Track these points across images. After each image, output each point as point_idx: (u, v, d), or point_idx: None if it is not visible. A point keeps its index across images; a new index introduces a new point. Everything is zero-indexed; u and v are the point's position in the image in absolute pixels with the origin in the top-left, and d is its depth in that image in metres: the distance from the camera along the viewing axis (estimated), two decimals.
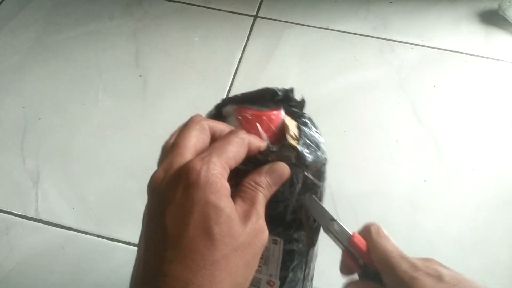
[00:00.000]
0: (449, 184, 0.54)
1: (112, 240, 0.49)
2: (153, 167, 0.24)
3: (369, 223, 0.28)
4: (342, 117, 0.60)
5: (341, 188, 0.53)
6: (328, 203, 0.52)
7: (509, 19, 0.71)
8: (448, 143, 0.58)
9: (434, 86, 0.64)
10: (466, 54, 0.68)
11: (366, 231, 0.28)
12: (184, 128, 0.25)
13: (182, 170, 0.22)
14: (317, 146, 0.29)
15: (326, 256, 0.49)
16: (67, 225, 0.50)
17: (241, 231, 0.22)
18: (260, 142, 0.26)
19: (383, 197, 0.53)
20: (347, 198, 0.53)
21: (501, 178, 0.55)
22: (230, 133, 0.25)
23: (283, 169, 0.26)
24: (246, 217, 0.23)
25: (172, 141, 0.25)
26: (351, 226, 0.55)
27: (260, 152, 0.26)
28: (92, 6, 0.75)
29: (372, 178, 0.54)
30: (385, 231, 0.28)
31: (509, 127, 0.60)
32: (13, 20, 0.73)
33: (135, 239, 0.49)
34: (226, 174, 0.23)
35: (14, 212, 0.52)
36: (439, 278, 0.25)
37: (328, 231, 0.29)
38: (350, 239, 0.28)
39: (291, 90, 0.33)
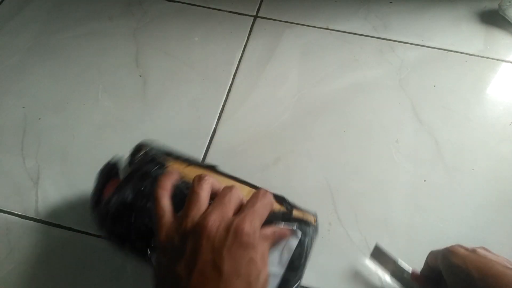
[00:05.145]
0: (449, 184, 0.54)
1: None
2: None
3: None
4: (342, 117, 0.60)
5: (341, 188, 0.53)
6: (328, 203, 0.52)
7: (509, 19, 0.71)
8: (448, 143, 0.58)
9: (434, 86, 0.64)
10: (466, 54, 0.68)
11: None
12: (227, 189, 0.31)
13: (238, 229, 0.28)
14: None
15: (327, 256, 0.49)
16: (67, 225, 0.50)
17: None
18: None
19: (383, 197, 0.53)
20: (347, 198, 0.53)
21: (501, 178, 0.55)
22: (263, 195, 0.31)
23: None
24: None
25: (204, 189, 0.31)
26: (351, 226, 0.55)
27: None
28: (92, 6, 0.75)
29: (372, 178, 0.54)
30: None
31: (509, 127, 0.60)
32: (13, 20, 0.73)
33: None
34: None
35: (14, 212, 0.52)
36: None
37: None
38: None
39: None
